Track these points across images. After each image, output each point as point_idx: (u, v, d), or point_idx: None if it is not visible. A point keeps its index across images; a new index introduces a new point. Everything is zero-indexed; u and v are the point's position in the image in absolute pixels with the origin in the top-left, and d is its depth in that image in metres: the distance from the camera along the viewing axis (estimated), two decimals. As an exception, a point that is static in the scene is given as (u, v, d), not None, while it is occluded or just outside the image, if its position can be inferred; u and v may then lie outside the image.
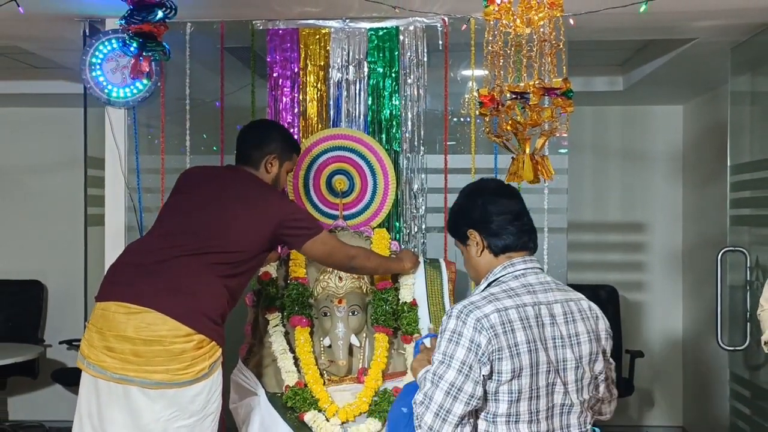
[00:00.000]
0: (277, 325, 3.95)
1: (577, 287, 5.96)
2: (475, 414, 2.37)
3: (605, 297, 6.55)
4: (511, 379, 2.30)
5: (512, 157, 2.75)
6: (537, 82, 2.59)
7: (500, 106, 2.68)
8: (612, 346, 2.54)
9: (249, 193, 3.41)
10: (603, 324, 2.50)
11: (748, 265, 4.57)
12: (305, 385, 3.77)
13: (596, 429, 3.76)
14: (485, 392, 2.32)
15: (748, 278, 4.57)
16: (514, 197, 2.53)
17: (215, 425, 3.21)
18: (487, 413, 2.36)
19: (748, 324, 4.60)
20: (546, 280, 2.49)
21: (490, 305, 2.34)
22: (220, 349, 3.20)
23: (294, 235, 3.42)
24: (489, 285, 2.47)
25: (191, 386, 3.06)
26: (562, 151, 4.35)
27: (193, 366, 3.06)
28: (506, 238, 2.49)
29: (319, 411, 3.72)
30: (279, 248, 3.86)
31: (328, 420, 3.71)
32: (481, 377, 2.29)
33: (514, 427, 2.34)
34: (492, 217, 2.48)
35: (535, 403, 2.34)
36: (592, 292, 6.51)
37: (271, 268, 4.06)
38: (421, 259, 4.13)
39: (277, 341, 3.91)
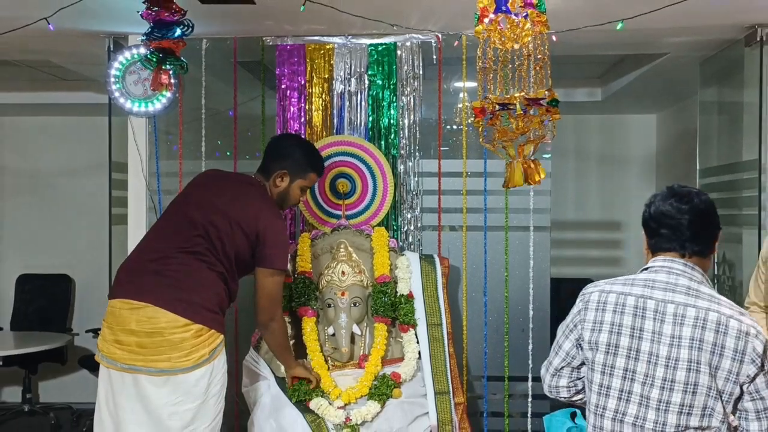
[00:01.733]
0: (288, 323, 3.95)
1: (560, 281, 6.05)
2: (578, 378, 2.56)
3: (585, 290, 6.54)
4: (590, 350, 2.42)
5: (506, 164, 2.76)
6: (523, 93, 2.59)
7: (491, 117, 2.68)
8: (758, 373, 2.31)
9: (246, 201, 3.36)
10: (732, 342, 2.30)
11: (716, 260, 4.58)
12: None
13: (577, 410, 3.77)
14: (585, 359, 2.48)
15: (716, 272, 4.57)
16: (681, 203, 2.47)
17: (219, 405, 3.20)
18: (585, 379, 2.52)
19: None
20: (678, 282, 2.42)
21: (599, 287, 2.53)
22: (221, 336, 3.18)
23: (261, 255, 3.32)
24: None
25: (193, 372, 3.06)
26: (546, 156, 4.35)
27: (193, 353, 3.06)
28: (656, 240, 2.52)
29: (323, 396, 3.72)
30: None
31: (331, 403, 3.71)
32: (575, 339, 2.49)
33: (588, 393, 2.48)
34: (649, 221, 2.53)
35: (608, 379, 2.39)
36: (574, 286, 6.49)
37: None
38: (417, 255, 4.13)
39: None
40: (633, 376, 2.35)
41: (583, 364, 2.51)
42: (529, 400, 4.25)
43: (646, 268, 2.51)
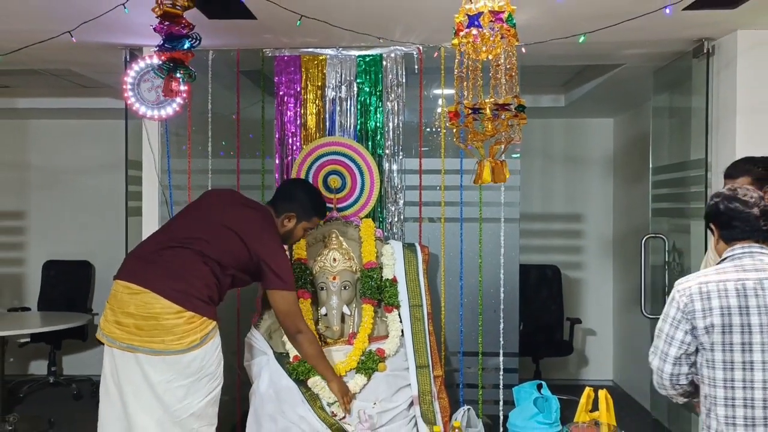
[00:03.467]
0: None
1: (528, 267, 6.05)
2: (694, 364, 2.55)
3: (550, 275, 6.56)
4: (706, 334, 2.45)
5: (476, 162, 2.75)
6: (492, 99, 2.58)
7: (464, 120, 2.67)
8: None
9: (254, 223, 3.36)
10: None
11: (666, 248, 4.59)
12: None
13: (543, 382, 3.80)
14: (700, 344, 2.50)
15: (666, 259, 4.58)
16: (743, 201, 2.60)
17: (214, 384, 3.18)
18: (704, 360, 2.51)
19: (666, 297, 4.62)
20: (763, 261, 2.54)
21: (696, 279, 2.54)
22: (213, 323, 3.14)
23: (268, 278, 3.34)
24: (719, 263, 2.61)
25: (185, 354, 3.05)
26: (515, 156, 4.35)
27: (185, 337, 3.05)
28: (731, 230, 2.60)
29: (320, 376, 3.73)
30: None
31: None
32: (687, 329, 2.49)
33: (711, 372, 2.48)
34: (720, 216, 2.61)
35: (729, 355, 2.44)
36: (540, 271, 6.53)
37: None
38: (400, 244, 4.14)
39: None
40: (750, 348, 2.43)
41: (696, 351, 2.53)
42: (501, 373, 4.25)
43: (726, 258, 2.59)
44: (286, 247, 3.68)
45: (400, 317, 3.96)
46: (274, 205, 3.55)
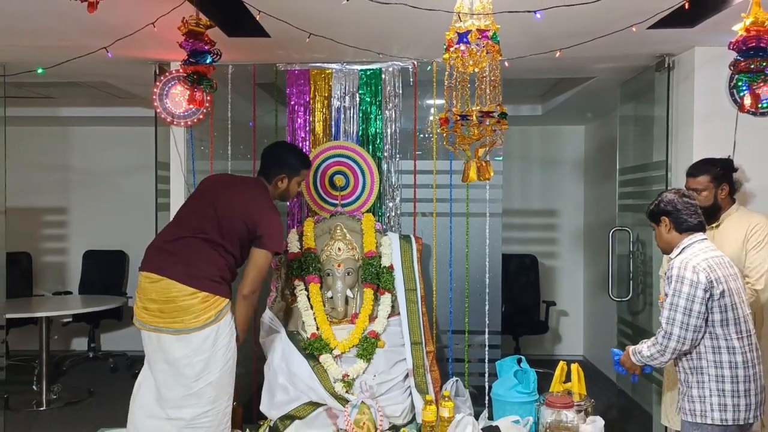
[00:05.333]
0: (302, 290, 3.94)
1: (509, 256, 6.02)
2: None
3: (529, 263, 6.56)
4: (721, 297, 2.65)
5: (464, 162, 2.73)
6: (478, 107, 2.56)
7: (453, 125, 2.65)
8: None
9: (246, 199, 3.28)
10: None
11: (631, 240, 4.59)
12: (319, 336, 3.77)
13: (522, 356, 3.78)
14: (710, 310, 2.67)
15: (631, 249, 4.58)
16: (692, 199, 2.86)
17: (227, 356, 3.14)
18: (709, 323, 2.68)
19: (631, 282, 4.62)
20: (709, 245, 2.80)
21: (693, 259, 2.68)
22: (226, 300, 3.12)
23: (263, 234, 3.21)
24: (681, 251, 2.78)
25: (201, 331, 3.05)
26: (498, 158, 4.32)
27: (201, 315, 3.04)
28: (687, 223, 2.81)
29: (329, 353, 3.71)
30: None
31: (334, 359, 3.70)
32: (705, 298, 2.63)
33: (725, 330, 2.67)
34: (678, 210, 2.81)
35: (726, 314, 2.67)
36: (520, 260, 6.53)
37: (294, 246, 4.04)
38: (397, 235, 4.12)
39: (301, 300, 3.92)
40: (734, 306, 2.68)
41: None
42: (485, 349, 4.24)
43: (690, 244, 2.77)
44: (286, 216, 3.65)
45: (392, 301, 3.94)
46: (265, 174, 3.45)
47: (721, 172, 3.36)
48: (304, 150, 4.31)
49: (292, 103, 4.34)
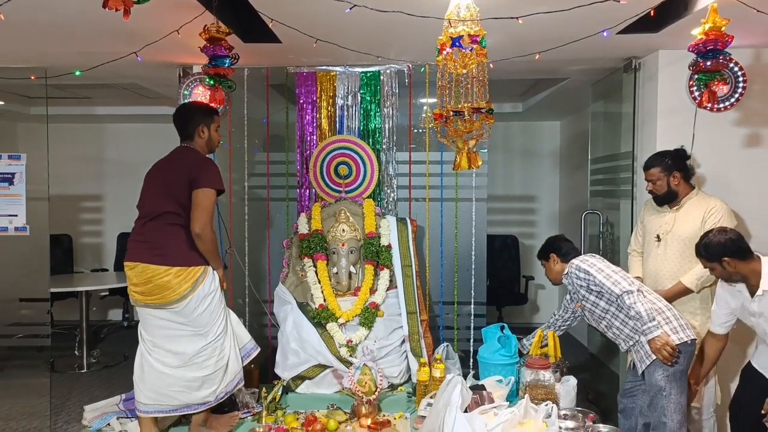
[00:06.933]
0: (311, 266, 3.94)
1: (493, 237, 6.00)
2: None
3: (510, 243, 6.56)
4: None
5: (456, 153, 2.73)
6: (470, 104, 2.55)
7: (447, 120, 2.64)
8: None
9: (178, 162, 3.11)
10: None
11: (601, 222, 4.58)
12: (326, 307, 3.77)
13: (504, 324, 3.78)
14: None
15: (601, 230, 4.58)
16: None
17: (212, 309, 3.04)
18: None
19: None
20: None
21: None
22: (200, 268, 2.99)
23: (198, 177, 2.98)
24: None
25: (182, 301, 2.96)
26: (483, 150, 4.31)
27: (177, 288, 2.95)
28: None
29: (335, 322, 3.72)
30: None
31: (340, 326, 3.71)
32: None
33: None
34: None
35: None
36: (503, 240, 6.52)
37: (303, 228, 4.04)
38: (394, 218, 4.12)
39: (310, 275, 3.92)
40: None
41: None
42: (472, 317, 4.26)
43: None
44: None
45: (390, 276, 3.95)
46: (186, 134, 3.19)
47: (670, 163, 3.36)
48: (311, 143, 4.31)
49: (301, 101, 4.32)
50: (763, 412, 2.69)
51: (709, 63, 2.72)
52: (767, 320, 2.76)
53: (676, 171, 3.35)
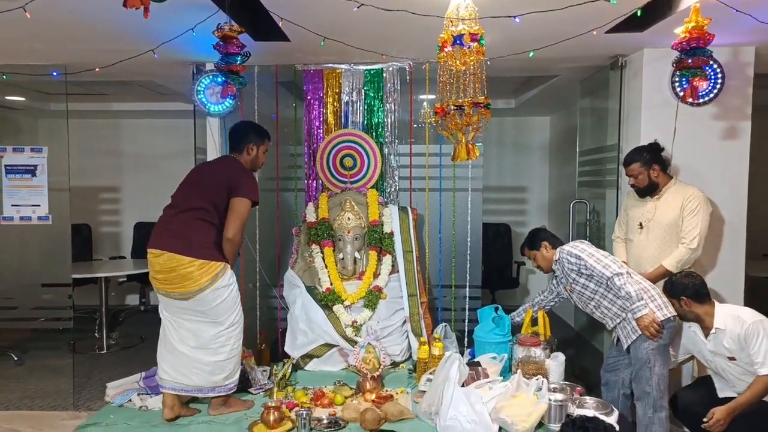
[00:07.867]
0: (318, 252, 3.95)
1: (489, 225, 6.00)
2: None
3: (504, 230, 6.57)
4: None
5: (455, 145, 2.73)
6: (470, 99, 2.55)
7: (446, 114, 2.65)
8: None
9: (223, 168, 3.16)
10: None
11: (588, 210, 4.59)
12: (333, 290, 3.79)
13: (498, 305, 3.80)
14: None
15: (588, 218, 4.59)
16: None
17: (229, 301, 3.02)
18: None
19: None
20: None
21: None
22: (220, 264, 2.98)
23: (236, 187, 3.04)
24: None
25: (202, 292, 2.94)
26: (479, 143, 4.30)
27: (199, 279, 2.92)
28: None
29: (341, 304, 3.73)
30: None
31: (346, 308, 3.72)
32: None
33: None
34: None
35: None
36: (496, 228, 6.54)
37: (311, 216, 4.04)
38: (396, 207, 4.12)
39: (317, 261, 3.93)
40: None
41: None
42: (467, 300, 4.27)
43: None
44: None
45: (392, 261, 3.96)
46: (236, 148, 3.27)
47: (648, 157, 3.39)
48: (318, 137, 4.30)
49: (309, 98, 4.31)
50: (705, 420, 2.77)
51: (690, 60, 2.72)
52: (723, 357, 2.87)
53: (654, 164, 3.38)
